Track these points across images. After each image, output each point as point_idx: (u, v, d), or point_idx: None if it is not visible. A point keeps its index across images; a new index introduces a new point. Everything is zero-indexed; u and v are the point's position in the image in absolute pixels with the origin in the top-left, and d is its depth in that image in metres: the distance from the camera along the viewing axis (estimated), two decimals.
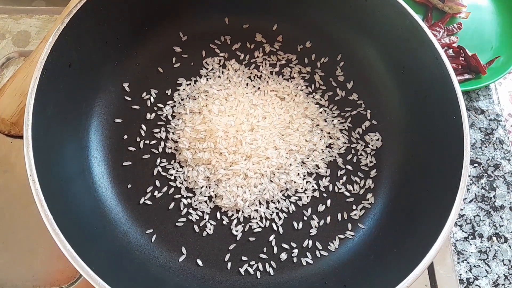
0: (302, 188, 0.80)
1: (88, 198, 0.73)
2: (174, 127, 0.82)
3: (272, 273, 0.74)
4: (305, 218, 0.78)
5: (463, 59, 0.99)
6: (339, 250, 0.76)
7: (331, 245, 0.76)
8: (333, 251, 0.76)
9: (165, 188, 0.78)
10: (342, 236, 0.77)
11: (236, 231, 0.77)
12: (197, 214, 0.77)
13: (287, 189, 0.80)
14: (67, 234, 0.59)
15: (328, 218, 0.78)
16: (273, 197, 0.79)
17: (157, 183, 0.78)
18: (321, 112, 0.86)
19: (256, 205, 0.78)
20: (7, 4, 0.95)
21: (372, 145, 0.84)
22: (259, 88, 0.87)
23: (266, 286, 0.73)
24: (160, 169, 0.79)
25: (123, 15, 0.79)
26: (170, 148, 0.81)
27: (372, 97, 0.86)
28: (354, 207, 0.79)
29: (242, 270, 0.74)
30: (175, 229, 0.76)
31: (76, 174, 0.73)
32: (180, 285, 0.71)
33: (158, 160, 0.80)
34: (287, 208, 0.79)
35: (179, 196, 0.78)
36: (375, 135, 0.84)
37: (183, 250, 0.74)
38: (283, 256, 0.75)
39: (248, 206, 0.78)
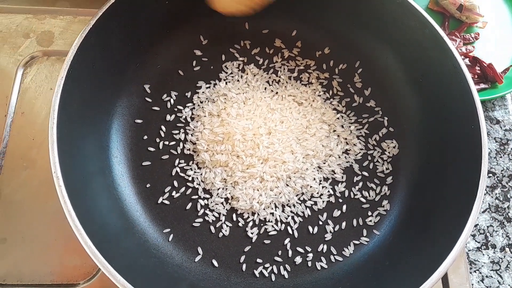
0: (318, 193, 0.81)
1: (108, 196, 0.74)
2: (193, 129, 0.83)
3: (286, 276, 0.75)
4: (320, 222, 0.79)
5: (479, 68, 0.99)
6: (353, 256, 0.76)
7: (345, 250, 0.77)
8: (348, 257, 0.76)
9: (182, 189, 0.79)
10: (357, 242, 0.78)
11: (252, 233, 0.77)
12: (213, 215, 0.78)
13: (303, 194, 0.81)
14: (88, 231, 0.61)
15: (343, 224, 0.79)
16: (288, 201, 0.80)
17: (175, 183, 0.79)
18: (338, 118, 0.86)
19: (272, 208, 0.79)
20: (32, 4, 0.97)
21: (389, 152, 0.84)
22: (277, 93, 0.88)
23: None
24: (178, 169, 0.80)
25: (146, 18, 0.81)
26: (189, 149, 0.82)
27: (389, 104, 0.87)
28: (369, 213, 0.80)
29: (257, 272, 0.74)
30: (191, 229, 0.77)
31: (96, 172, 0.74)
32: (196, 285, 0.71)
33: (177, 161, 0.81)
34: (303, 212, 0.79)
35: (196, 197, 0.79)
36: (392, 142, 0.85)
37: (199, 250, 0.75)
38: (298, 259, 0.76)
39: (264, 209, 0.78)
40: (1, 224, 0.79)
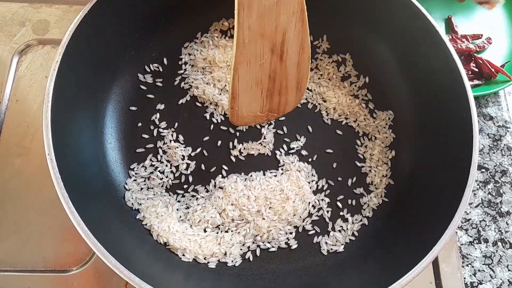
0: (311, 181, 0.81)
1: (101, 181, 0.74)
2: None
3: (278, 262, 0.75)
4: (313, 209, 0.79)
5: (474, 65, 0.99)
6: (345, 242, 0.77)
7: (338, 236, 0.77)
8: (340, 243, 0.77)
9: (177, 175, 0.80)
10: (348, 228, 0.78)
11: None
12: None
13: None
14: (82, 213, 0.60)
15: (335, 209, 0.80)
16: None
17: (169, 170, 0.80)
18: (334, 108, 0.86)
19: None
20: None
21: (382, 142, 0.85)
22: None
23: (272, 273, 0.74)
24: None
25: (142, 6, 0.81)
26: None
27: (382, 95, 0.87)
28: (361, 200, 0.81)
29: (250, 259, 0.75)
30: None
31: (90, 158, 0.74)
32: (189, 272, 0.71)
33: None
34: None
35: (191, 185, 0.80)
36: (385, 133, 0.85)
37: None
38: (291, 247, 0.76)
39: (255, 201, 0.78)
40: None
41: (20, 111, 0.87)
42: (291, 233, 0.77)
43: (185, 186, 0.79)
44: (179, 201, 0.77)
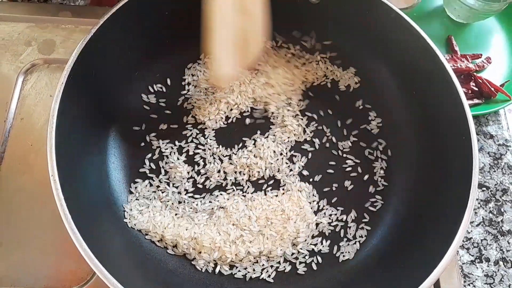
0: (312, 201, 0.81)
1: (104, 201, 0.75)
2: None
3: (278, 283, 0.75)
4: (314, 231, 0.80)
5: (474, 84, 1.00)
6: (346, 263, 0.77)
7: (339, 257, 0.77)
8: (341, 264, 0.77)
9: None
10: (349, 250, 0.78)
11: None
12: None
13: None
14: (84, 234, 0.61)
15: (336, 230, 0.80)
16: None
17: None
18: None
19: None
20: (35, 13, 0.98)
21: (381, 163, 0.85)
22: None
23: None
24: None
25: (147, 29, 0.82)
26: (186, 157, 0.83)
27: (382, 117, 0.88)
28: (362, 221, 0.80)
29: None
30: None
31: (93, 178, 0.75)
32: None
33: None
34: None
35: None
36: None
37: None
38: (288, 268, 0.76)
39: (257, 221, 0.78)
40: None
41: (25, 129, 0.88)
42: (292, 254, 0.77)
43: (186, 206, 0.79)
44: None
